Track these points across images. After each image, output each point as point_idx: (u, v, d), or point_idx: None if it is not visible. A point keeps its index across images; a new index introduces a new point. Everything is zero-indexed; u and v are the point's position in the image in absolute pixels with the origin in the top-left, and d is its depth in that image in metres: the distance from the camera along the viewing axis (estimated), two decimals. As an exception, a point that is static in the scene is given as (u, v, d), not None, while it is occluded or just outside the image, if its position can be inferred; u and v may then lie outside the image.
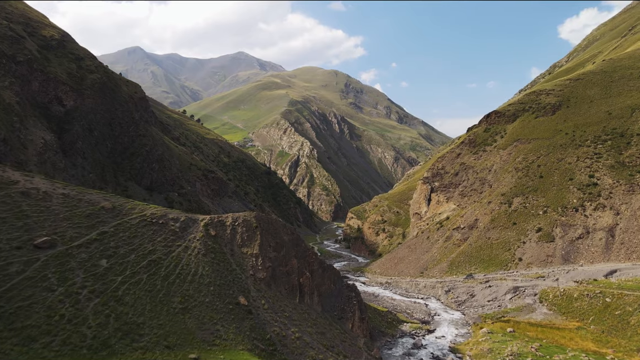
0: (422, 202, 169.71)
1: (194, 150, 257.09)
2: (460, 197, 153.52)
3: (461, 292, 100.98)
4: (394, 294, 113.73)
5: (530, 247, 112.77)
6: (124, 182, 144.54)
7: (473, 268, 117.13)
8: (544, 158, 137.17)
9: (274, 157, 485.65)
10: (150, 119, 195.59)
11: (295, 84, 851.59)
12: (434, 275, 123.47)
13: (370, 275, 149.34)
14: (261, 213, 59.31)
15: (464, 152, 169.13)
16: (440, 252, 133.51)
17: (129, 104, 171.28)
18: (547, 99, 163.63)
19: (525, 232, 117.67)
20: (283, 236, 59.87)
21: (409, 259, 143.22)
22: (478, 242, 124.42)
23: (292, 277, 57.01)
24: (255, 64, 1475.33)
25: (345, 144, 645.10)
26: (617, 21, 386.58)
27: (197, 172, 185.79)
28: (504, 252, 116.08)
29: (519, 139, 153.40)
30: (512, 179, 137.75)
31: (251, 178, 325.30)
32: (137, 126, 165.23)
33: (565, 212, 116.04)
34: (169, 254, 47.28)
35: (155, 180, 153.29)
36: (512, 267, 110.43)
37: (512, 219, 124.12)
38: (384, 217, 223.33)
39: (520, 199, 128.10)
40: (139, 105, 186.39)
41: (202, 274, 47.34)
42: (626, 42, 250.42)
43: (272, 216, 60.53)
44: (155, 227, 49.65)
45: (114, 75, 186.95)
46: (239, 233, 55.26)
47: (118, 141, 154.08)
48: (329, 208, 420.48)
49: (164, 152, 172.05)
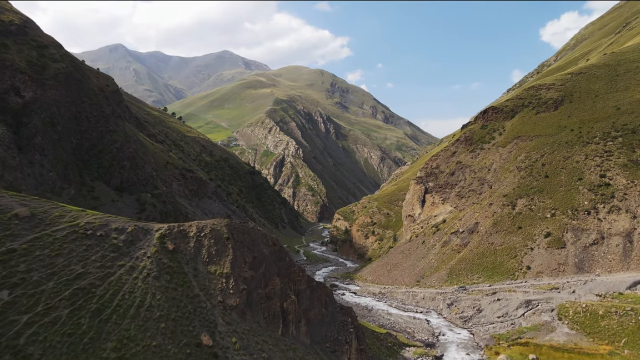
0: (415, 203, 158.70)
1: (172, 148, 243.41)
2: (458, 199, 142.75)
3: (466, 306, 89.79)
4: (390, 307, 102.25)
5: (539, 254, 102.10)
6: (90, 181, 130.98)
7: (475, 277, 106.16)
8: (548, 156, 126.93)
9: (259, 156, 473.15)
10: (123, 114, 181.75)
11: (281, 83, 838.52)
12: (432, 285, 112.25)
13: (361, 283, 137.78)
14: (235, 220, 47.32)
15: (459, 150, 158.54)
16: (438, 258, 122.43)
17: (98, 96, 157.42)
18: (548, 93, 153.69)
19: (532, 237, 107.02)
20: (262, 249, 47.92)
21: (404, 265, 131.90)
22: (480, 247, 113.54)
23: (273, 302, 45.07)
24: (240, 63, 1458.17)
25: (331, 143, 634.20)
26: (606, 20, 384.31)
27: (174, 171, 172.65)
28: (510, 259, 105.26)
29: (519, 136, 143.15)
30: (514, 178, 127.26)
31: (234, 178, 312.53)
32: (108, 121, 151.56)
33: (576, 215, 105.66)
34: (106, 278, 35.04)
35: (126, 179, 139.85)
36: (519, 277, 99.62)
37: (516, 222, 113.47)
38: (374, 219, 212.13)
39: (525, 201, 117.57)
40: (111, 99, 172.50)
41: (150, 305, 35.18)
42: (622, 38, 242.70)
43: (248, 224, 48.54)
44: (90, 242, 37.33)
45: (83, 66, 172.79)
46: (205, 247, 43.17)
47: (85, 137, 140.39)
48: (314, 209, 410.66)
49: (137, 149, 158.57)
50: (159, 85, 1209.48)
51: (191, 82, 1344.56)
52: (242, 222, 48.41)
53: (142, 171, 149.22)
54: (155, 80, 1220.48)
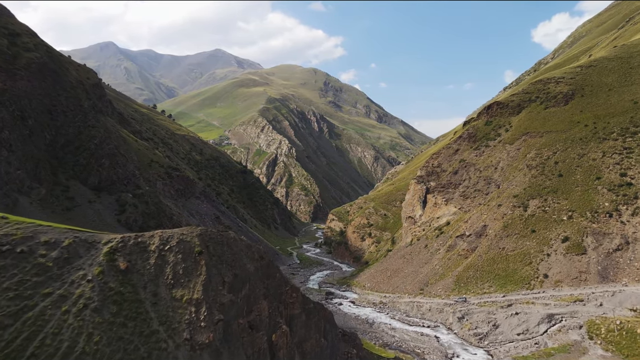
0: (416, 204, 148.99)
1: (160, 146, 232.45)
2: (462, 199, 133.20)
3: (479, 320, 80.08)
4: (393, 320, 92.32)
5: (557, 261, 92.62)
6: (65, 180, 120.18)
7: (486, 286, 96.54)
8: (561, 154, 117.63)
9: (251, 155, 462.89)
10: (105, 109, 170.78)
11: (274, 82, 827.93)
12: (437, 294, 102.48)
13: (358, 290, 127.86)
14: (211, 228, 37.24)
15: (462, 148, 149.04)
16: (443, 264, 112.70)
17: (77, 89, 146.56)
18: (557, 87, 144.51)
19: (548, 241, 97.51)
20: (246, 264, 37.91)
21: (405, 271, 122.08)
22: (489, 253, 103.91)
23: (259, 336, 35.06)
24: (233, 62, 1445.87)
25: (325, 142, 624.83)
26: (604, 17, 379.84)
27: (159, 169, 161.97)
28: (524, 266, 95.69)
29: (527, 132, 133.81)
30: (524, 178, 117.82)
31: (225, 177, 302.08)
32: (86, 116, 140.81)
33: (597, 217, 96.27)
34: (21, 314, 24.87)
35: (105, 178, 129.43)
36: (536, 286, 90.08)
37: (529, 225, 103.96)
38: (370, 221, 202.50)
39: (538, 202, 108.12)
40: (92, 93, 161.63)
41: (83, 352, 25.04)
42: (627, 33, 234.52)
43: (228, 233, 38.51)
44: (5, 261, 27.10)
45: (61, 57, 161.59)
46: (170, 264, 33.10)
47: (60, 132, 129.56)
48: (308, 209, 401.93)
49: (118, 146, 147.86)
50: (151, 83, 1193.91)
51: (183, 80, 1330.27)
52: (220, 230, 38.34)
53: (123, 169, 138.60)
54: (146, 79, 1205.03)
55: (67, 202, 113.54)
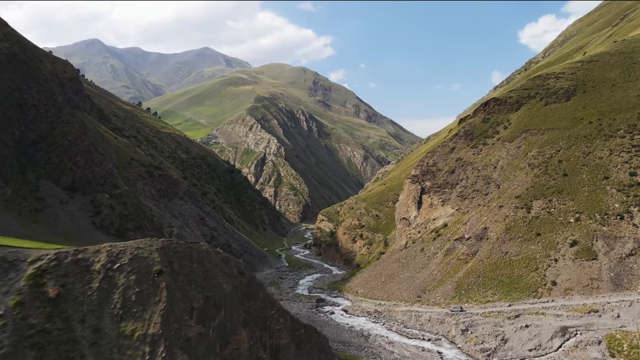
0: (410, 204, 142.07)
1: (143, 144, 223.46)
2: (460, 200, 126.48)
3: (486, 334, 73.20)
4: (390, 331, 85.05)
5: (566, 267, 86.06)
6: (35, 179, 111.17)
7: (489, 293, 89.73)
8: (565, 152, 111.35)
9: (239, 154, 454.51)
10: (83, 104, 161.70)
11: (262, 80, 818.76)
12: (436, 302, 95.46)
13: (351, 296, 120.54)
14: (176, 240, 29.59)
15: (459, 146, 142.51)
16: (441, 269, 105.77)
17: (51, 83, 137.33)
18: (558, 83, 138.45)
19: (554, 245, 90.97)
20: (222, 284, 30.28)
21: (401, 276, 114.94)
22: (492, 257, 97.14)
23: (235, 378, 27.72)
24: (221, 60, 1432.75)
25: (314, 142, 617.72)
26: (594, 17, 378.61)
27: (139, 168, 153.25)
28: (530, 272, 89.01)
29: (528, 129, 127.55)
30: (526, 177, 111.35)
31: (212, 177, 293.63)
32: (60, 110, 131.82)
33: (607, 220, 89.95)
34: None
35: (79, 177, 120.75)
36: (544, 294, 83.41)
37: (533, 228, 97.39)
38: (362, 222, 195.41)
39: (542, 203, 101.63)
40: (68, 87, 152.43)
41: None
42: (622, 30, 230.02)
43: (199, 245, 30.88)
44: None
45: (36, 49, 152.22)
46: (119, 288, 25.37)
47: (31, 128, 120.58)
48: (297, 208, 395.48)
49: (95, 143, 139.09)
50: (137, 81, 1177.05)
51: (170, 79, 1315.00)
52: (189, 242, 30.68)
53: (99, 168, 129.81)
54: (133, 77, 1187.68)
55: (36, 203, 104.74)
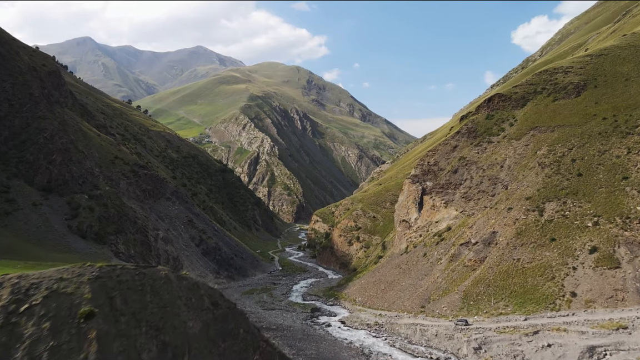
0: (411, 206, 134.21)
1: (131, 142, 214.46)
2: (464, 201, 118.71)
3: (502, 353, 65.26)
4: (393, 348, 76.87)
5: (586, 276, 78.36)
6: (6, 180, 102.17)
7: (501, 304, 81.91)
8: (578, 150, 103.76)
9: (233, 154, 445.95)
10: (64, 99, 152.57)
11: (256, 79, 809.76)
12: (442, 313, 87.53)
13: (348, 304, 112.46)
14: (121, 266, 21.33)
15: (461, 144, 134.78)
16: (447, 276, 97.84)
17: (27, 76, 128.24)
18: (567, 77, 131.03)
19: (572, 252, 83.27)
20: (187, 321, 22.17)
21: (402, 284, 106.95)
22: (502, 265, 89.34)
23: None
24: (215, 59, 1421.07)
25: (308, 141, 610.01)
26: (592, 14, 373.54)
27: (123, 167, 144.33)
28: (546, 281, 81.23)
29: (536, 126, 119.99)
30: (537, 177, 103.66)
31: (203, 176, 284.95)
32: (36, 105, 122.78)
33: (629, 224, 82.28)
34: None
35: (55, 177, 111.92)
36: (563, 306, 75.68)
37: (547, 232, 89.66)
38: (358, 223, 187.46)
39: (555, 205, 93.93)
40: (47, 81, 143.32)
41: None
42: (626, 25, 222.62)
43: (157, 270, 22.72)
44: None
45: (13, 41, 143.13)
46: (25, 341, 17.23)
47: (3, 124, 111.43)
48: (290, 209, 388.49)
49: (76, 140, 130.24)
50: (130, 80, 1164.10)
51: (163, 77, 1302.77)
52: (140, 267, 22.50)
53: (78, 167, 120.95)
54: (125, 75, 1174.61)
55: (7, 206, 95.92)
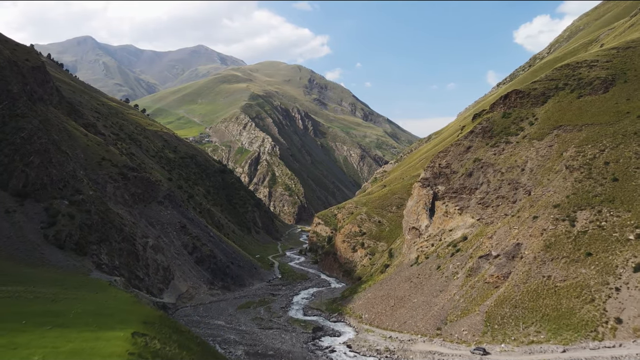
0: (421, 212, 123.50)
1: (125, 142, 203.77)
2: (481, 208, 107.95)
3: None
4: (408, 383, 66.45)
5: (632, 299, 67.56)
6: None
7: (532, 330, 71.16)
8: (611, 152, 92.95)
9: (233, 154, 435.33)
10: (48, 97, 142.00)
11: (257, 78, 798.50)
12: (462, 338, 76.83)
13: (354, 321, 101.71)
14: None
15: (476, 145, 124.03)
16: (465, 294, 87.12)
17: (6, 71, 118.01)
18: (592, 72, 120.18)
19: (613, 269, 72.52)
20: None
21: (414, 301, 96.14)
22: (530, 282, 78.60)
23: None
24: (216, 58, 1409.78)
25: (309, 141, 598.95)
26: (601, 11, 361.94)
27: (110, 169, 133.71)
28: (584, 304, 70.48)
29: (560, 125, 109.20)
30: (565, 182, 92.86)
31: (201, 177, 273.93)
32: (15, 103, 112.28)
33: (679, 237, 71.64)
34: None
35: (32, 181, 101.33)
36: (607, 335, 64.93)
37: (581, 246, 78.90)
38: (363, 228, 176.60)
39: (589, 214, 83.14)
40: (30, 77, 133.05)
41: None
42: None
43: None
44: None
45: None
46: None
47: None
48: (292, 210, 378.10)
49: (59, 141, 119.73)
50: (130, 79, 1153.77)
51: (164, 77, 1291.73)
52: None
53: (59, 170, 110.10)
54: (126, 75, 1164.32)
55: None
